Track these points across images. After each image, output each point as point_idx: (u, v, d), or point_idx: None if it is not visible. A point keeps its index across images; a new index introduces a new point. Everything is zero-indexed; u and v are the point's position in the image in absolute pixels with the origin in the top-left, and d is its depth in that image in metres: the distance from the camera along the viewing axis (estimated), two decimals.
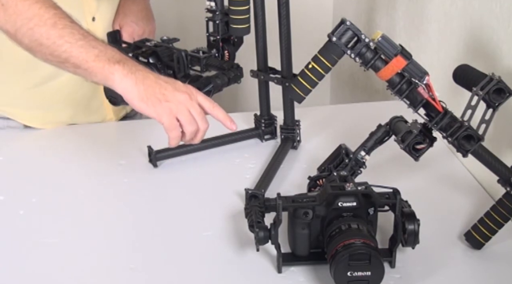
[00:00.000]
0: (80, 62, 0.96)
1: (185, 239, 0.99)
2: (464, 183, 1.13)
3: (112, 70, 0.94)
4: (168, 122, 0.94)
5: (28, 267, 0.94)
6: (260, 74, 1.21)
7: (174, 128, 0.94)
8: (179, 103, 0.94)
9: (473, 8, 1.16)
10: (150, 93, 0.93)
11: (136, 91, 0.93)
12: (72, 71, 0.99)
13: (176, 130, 0.95)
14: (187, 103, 0.94)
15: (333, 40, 0.87)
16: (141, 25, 1.31)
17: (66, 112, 1.34)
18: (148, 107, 0.94)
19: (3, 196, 1.10)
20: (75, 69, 0.98)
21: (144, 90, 0.93)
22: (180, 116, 0.94)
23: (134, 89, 0.94)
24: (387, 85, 0.90)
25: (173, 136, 0.95)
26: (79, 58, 0.96)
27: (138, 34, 1.31)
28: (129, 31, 1.29)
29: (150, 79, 0.95)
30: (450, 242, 0.97)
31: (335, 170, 0.98)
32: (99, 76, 0.96)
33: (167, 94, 0.93)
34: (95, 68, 0.95)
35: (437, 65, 1.30)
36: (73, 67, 0.98)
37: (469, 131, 0.88)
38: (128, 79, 0.93)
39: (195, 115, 0.95)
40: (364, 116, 1.24)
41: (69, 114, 1.35)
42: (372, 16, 1.76)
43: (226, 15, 1.06)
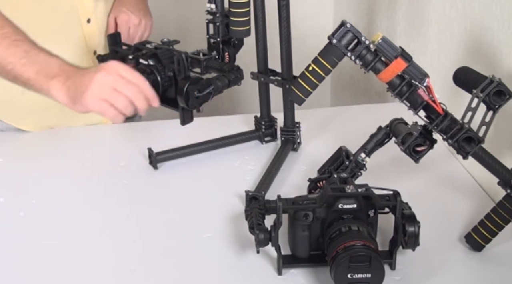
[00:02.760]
0: (25, 80, 1.02)
1: (186, 241, 0.99)
2: (465, 185, 1.13)
3: (49, 87, 1.00)
4: (96, 109, 0.98)
5: (28, 269, 0.94)
6: (261, 76, 1.21)
7: (104, 111, 0.98)
8: (99, 84, 0.97)
9: (473, 10, 1.16)
10: (75, 91, 0.99)
11: (67, 98, 1.00)
12: (25, 88, 1.03)
13: (107, 112, 0.98)
14: (107, 80, 0.97)
15: (333, 42, 0.87)
16: (137, 15, 1.28)
17: (58, 116, 1.32)
18: (79, 107, 0.99)
19: (3, 198, 1.10)
20: (26, 86, 1.03)
21: (72, 92, 0.99)
22: (105, 96, 0.97)
23: (66, 97, 1.00)
24: (388, 87, 0.90)
25: (109, 116, 0.99)
26: (24, 76, 1.02)
27: (134, 23, 1.28)
28: (124, 18, 1.27)
29: (76, 79, 0.99)
30: (450, 244, 0.97)
31: (335, 172, 0.98)
32: (43, 92, 1.02)
33: (86, 83, 0.97)
34: (37, 85, 1.02)
35: (437, 67, 1.30)
36: (24, 84, 1.03)
37: (469, 133, 0.88)
38: (62, 92, 1.00)
39: (120, 88, 0.97)
40: (364, 118, 1.24)
41: (61, 118, 1.33)
42: (372, 18, 1.76)
43: (227, 17, 1.06)
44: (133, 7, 1.28)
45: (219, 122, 1.37)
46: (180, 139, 1.22)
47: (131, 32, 1.27)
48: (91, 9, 1.24)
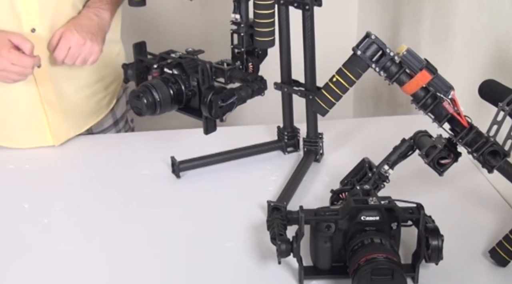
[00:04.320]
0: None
1: (207, 250, 0.99)
2: (489, 199, 1.11)
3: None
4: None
5: (50, 275, 0.95)
6: (284, 87, 1.21)
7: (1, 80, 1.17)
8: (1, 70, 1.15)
9: (499, 23, 1.15)
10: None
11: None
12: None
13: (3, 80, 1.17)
14: (5, 66, 1.14)
15: (357, 54, 0.87)
16: (83, 35, 1.21)
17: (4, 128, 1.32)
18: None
19: (28, 204, 1.12)
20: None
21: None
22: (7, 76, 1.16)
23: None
24: (412, 99, 0.90)
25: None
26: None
27: (78, 43, 1.21)
28: (68, 36, 1.20)
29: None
30: (474, 259, 0.96)
31: (358, 183, 0.98)
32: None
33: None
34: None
35: (462, 80, 1.29)
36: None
37: (494, 146, 0.88)
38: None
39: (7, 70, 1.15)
40: (387, 130, 1.23)
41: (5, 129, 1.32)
42: (397, 30, 1.75)
43: (251, 27, 1.07)
44: (82, 29, 1.22)
45: (242, 132, 1.37)
46: (203, 148, 1.22)
47: (71, 51, 1.21)
48: (35, 18, 1.21)
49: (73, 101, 1.33)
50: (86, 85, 1.34)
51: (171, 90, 1.04)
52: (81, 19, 1.26)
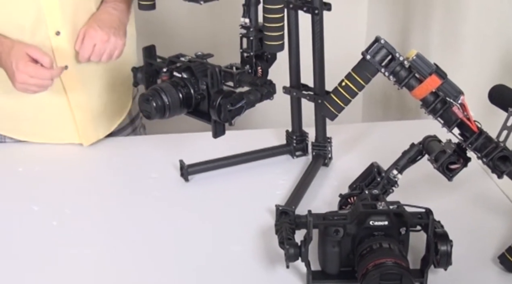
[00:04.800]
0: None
1: (215, 253, 0.99)
2: (499, 205, 1.11)
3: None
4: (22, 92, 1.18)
5: (59, 277, 0.95)
6: (293, 91, 1.21)
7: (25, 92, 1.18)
8: (20, 88, 1.16)
9: (509, 28, 1.15)
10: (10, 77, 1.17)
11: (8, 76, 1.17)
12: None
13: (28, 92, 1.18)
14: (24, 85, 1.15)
15: (367, 58, 0.87)
16: (106, 31, 1.22)
17: (32, 126, 1.34)
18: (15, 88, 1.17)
19: (38, 207, 1.12)
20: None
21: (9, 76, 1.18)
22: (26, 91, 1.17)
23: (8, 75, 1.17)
24: (421, 104, 0.90)
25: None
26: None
27: (102, 39, 1.22)
28: (91, 33, 1.21)
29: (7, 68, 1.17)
30: (483, 265, 0.95)
31: (367, 188, 0.98)
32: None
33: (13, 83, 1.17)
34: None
35: (472, 85, 1.28)
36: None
37: (504, 152, 0.87)
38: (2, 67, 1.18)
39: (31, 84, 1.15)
40: (396, 135, 1.23)
41: (35, 129, 1.34)
42: (406, 35, 1.75)
43: (260, 31, 1.07)
44: (104, 24, 1.24)
45: (251, 135, 1.37)
46: (212, 152, 1.23)
47: (96, 48, 1.22)
48: (59, 22, 1.22)
49: (100, 102, 1.35)
50: (111, 85, 1.35)
51: (180, 94, 1.04)
52: (101, 14, 1.27)
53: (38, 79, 1.16)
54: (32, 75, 1.15)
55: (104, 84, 1.34)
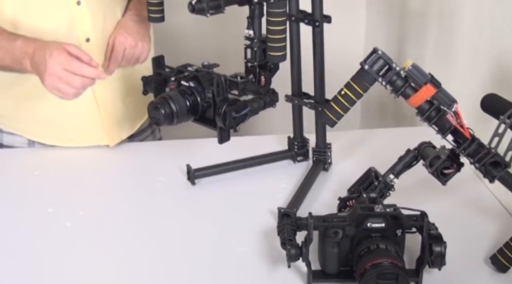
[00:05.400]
0: (11, 69, 1.16)
1: (220, 253, 0.99)
2: (490, 208, 1.11)
3: (25, 69, 1.13)
4: (56, 95, 1.11)
5: (71, 276, 0.95)
6: (294, 99, 1.21)
7: (60, 97, 1.11)
8: (50, 84, 1.09)
9: (501, 40, 1.15)
10: (40, 77, 1.11)
11: (39, 75, 1.11)
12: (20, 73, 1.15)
13: (62, 97, 1.11)
14: (56, 80, 1.08)
15: (365, 68, 0.87)
16: (134, 37, 1.26)
17: (61, 129, 1.34)
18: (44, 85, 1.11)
19: (52, 209, 1.12)
20: (18, 72, 1.15)
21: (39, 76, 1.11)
22: (56, 89, 1.10)
23: (39, 74, 1.11)
24: (416, 111, 0.90)
25: (64, 98, 1.11)
26: (8, 66, 1.15)
27: (130, 45, 1.25)
28: (121, 39, 1.24)
29: (40, 62, 1.10)
30: (475, 265, 0.95)
31: (365, 192, 0.98)
32: (28, 72, 1.13)
33: (41, 77, 1.10)
34: (18, 70, 1.15)
35: (465, 94, 1.28)
36: (17, 71, 1.15)
37: (496, 157, 0.87)
38: (34, 68, 1.12)
39: (65, 81, 1.08)
40: (393, 141, 1.23)
41: (64, 133, 1.34)
42: (403, 46, 1.75)
43: (264, 42, 1.07)
44: (131, 31, 1.27)
45: (254, 141, 1.37)
46: (217, 157, 1.23)
47: (126, 53, 1.25)
48: (89, 29, 1.24)
49: (124, 104, 1.35)
50: (134, 88, 1.35)
51: (187, 102, 1.04)
52: (127, 22, 1.30)
53: (72, 75, 1.08)
54: (67, 67, 1.08)
55: (128, 87, 1.34)
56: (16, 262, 0.98)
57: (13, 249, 1.01)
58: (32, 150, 1.35)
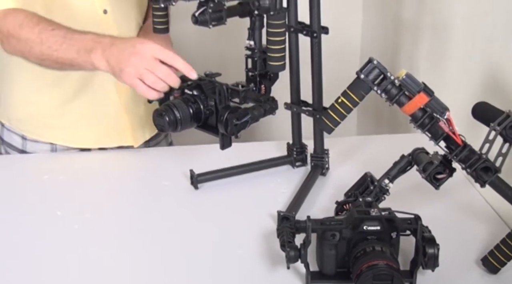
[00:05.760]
0: (70, 62, 1.07)
1: (222, 255, 0.99)
2: (482, 211, 1.11)
3: (91, 59, 1.05)
4: (130, 85, 1.02)
5: (78, 276, 0.95)
6: (293, 107, 1.22)
7: (136, 87, 1.02)
8: (134, 65, 1.01)
9: (492, 50, 1.15)
10: (115, 67, 1.03)
11: (109, 68, 1.04)
12: (73, 69, 1.09)
13: (139, 88, 1.02)
14: (141, 62, 1.00)
15: (361, 77, 0.88)
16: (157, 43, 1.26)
17: (88, 130, 1.34)
18: (119, 79, 1.03)
19: (61, 212, 1.12)
20: (73, 68, 1.08)
21: (112, 66, 1.03)
22: (138, 75, 1.01)
23: (108, 67, 1.04)
24: (410, 119, 0.90)
25: (140, 91, 1.03)
26: (68, 59, 1.07)
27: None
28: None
29: (113, 53, 1.03)
30: (467, 266, 0.95)
31: (361, 196, 0.98)
32: (88, 67, 1.07)
33: (123, 61, 1.01)
34: (81, 62, 1.06)
35: (457, 102, 1.28)
36: (71, 67, 1.08)
37: (486, 163, 0.87)
38: (102, 62, 1.04)
39: (151, 69, 1.00)
40: (388, 147, 1.23)
41: (93, 135, 1.35)
42: (397, 56, 1.76)
43: (264, 53, 1.07)
44: (156, 37, 1.29)
45: (255, 147, 1.37)
46: (219, 162, 1.23)
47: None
48: (106, 0, 1.24)
49: (146, 105, 1.35)
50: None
51: (191, 109, 1.05)
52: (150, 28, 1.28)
53: (160, 65, 1.01)
54: (158, 55, 1.01)
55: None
56: (24, 262, 0.98)
57: (23, 250, 1.01)
58: (44, 156, 1.35)
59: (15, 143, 1.36)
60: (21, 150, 1.36)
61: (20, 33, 1.10)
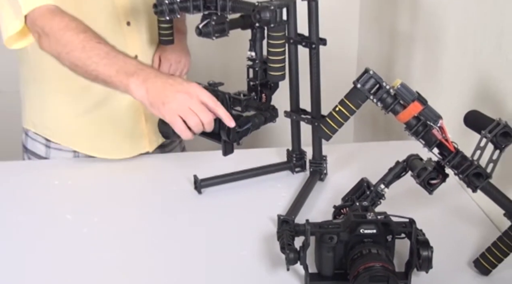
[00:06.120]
0: (105, 78, 1.02)
1: (224, 257, 0.99)
2: (474, 215, 1.11)
3: (128, 83, 0.98)
4: (170, 120, 0.97)
5: (86, 277, 0.95)
6: (293, 115, 1.22)
7: (175, 124, 0.97)
8: (179, 103, 0.96)
9: (482, 61, 1.16)
10: (156, 98, 0.97)
11: (146, 98, 0.97)
12: (104, 85, 1.03)
13: (178, 125, 0.97)
14: (187, 102, 0.96)
15: (357, 87, 0.88)
16: (178, 54, 1.31)
17: (110, 140, 1.34)
18: (155, 111, 0.98)
19: (70, 216, 1.12)
20: (105, 84, 1.03)
21: (152, 97, 0.97)
22: (181, 113, 0.96)
23: (145, 96, 0.97)
24: (405, 126, 0.90)
25: (178, 130, 0.97)
26: (105, 75, 1.01)
27: (176, 61, 1.32)
28: (167, 56, 1.30)
29: (157, 85, 0.97)
30: (460, 268, 0.95)
31: (358, 200, 0.98)
32: (121, 88, 1.01)
33: (169, 96, 0.96)
34: (117, 82, 1.00)
35: (449, 110, 1.29)
36: (103, 82, 1.03)
37: (478, 169, 0.88)
38: (140, 89, 0.98)
39: (196, 111, 0.96)
40: (383, 154, 1.23)
41: (112, 143, 1.34)
42: (392, 66, 1.76)
43: (265, 63, 1.08)
44: (175, 47, 1.30)
45: (256, 154, 1.38)
46: (222, 168, 1.23)
47: (172, 68, 1.31)
48: (129, 13, 1.24)
49: None
50: None
51: None
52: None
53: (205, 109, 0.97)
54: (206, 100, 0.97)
55: None
56: (35, 262, 0.98)
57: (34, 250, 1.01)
58: (54, 162, 1.35)
59: (38, 151, 1.35)
60: (44, 158, 1.35)
61: (63, 35, 1.05)
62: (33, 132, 1.35)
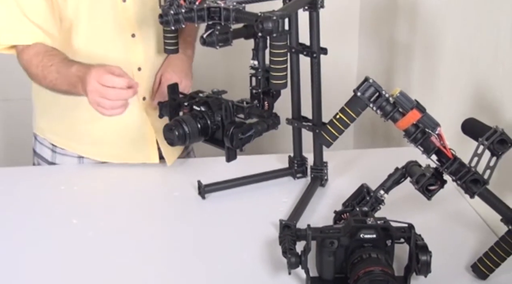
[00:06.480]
0: (64, 92, 1.16)
1: (227, 261, 0.99)
2: (471, 221, 1.10)
3: (80, 93, 1.11)
4: (98, 111, 1.09)
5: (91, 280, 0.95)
6: (294, 122, 1.22)
7: (102, 113, 1.08)
8: (90, 96, 1.07)
9: (480, 69, 1.15)
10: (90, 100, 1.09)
11: (86, 95, 1.09)
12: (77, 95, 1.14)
13: (104, 113, 1.08)
14: (93, 96, 1.07)
15: (358, 95, 0.88)
16: (179, 75, 1.28)
17: (115, 148, 1.33)
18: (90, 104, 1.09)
19: (76, 220, 1.12)
20: (76, 95, 1.13)
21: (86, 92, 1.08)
22: (99, 104, 1.07)
23: (86, 94, 1.09)
24: (404, 134, 0.90)
25: (107, 116, 1.09)
26: (62, 89, 1.16)
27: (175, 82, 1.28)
28: (167, 77, 1.28)
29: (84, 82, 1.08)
30: (458, 273, 0.95)
31: (358, 206, 0.97)
32: (82, 95, 1.11)
33: (88, 95, 1.08)
34: (76, 93, 1.13)
35: (447, 118, 1.28)
36: (74, 94, 1.14)
37: (475, 175, 0.87)
38: (83, 90, 1.09)
39: (104, 95, 1.06)
40: (383, 160, 1.23)
41: (118, 151, 1.34)
42: (391, 75, 1.76)
43: (267, 72, 1.07)
44: (177, 68, 1.29)
45: (258, 160, 1.37)
46: (225, 174, 1.23)
47: None
48: (134, 25, 1.24)
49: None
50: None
51: (199, 124, 1.05)
52: (174, 60, 1.31)
53: (106, 87, 1.05)
54: (99, 80, 1.06)
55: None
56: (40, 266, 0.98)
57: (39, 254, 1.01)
58: (62, 167, 1.35)
59: (45, 155, 1.37)
60: (51, 162, 1.36)
61: (30, 70, 1.19)
62: (41, 137, 1.36)
